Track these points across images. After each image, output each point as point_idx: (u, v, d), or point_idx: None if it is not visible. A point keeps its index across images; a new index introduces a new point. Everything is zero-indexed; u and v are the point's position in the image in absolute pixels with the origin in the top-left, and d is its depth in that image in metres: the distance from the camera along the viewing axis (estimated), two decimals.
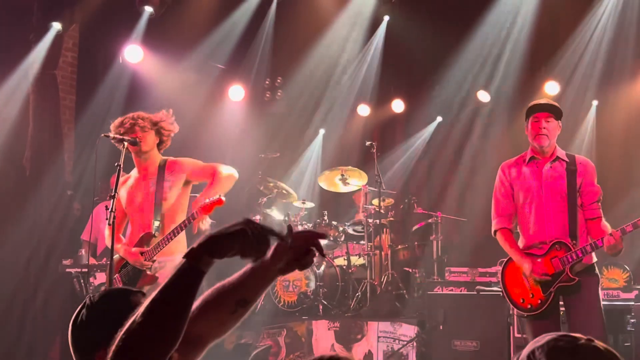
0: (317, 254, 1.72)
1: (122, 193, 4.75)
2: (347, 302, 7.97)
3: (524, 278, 4.44)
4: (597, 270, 4.43)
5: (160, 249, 4.54)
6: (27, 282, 8.00)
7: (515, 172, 4.58)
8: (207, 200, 4.34)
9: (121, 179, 4.57)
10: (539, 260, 4.37)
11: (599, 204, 4.43)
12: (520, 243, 4.54)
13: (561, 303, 4.48)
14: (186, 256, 1.56)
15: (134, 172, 4.88)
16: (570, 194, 4.39)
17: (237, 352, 7.53)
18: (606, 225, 4.33)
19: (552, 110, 4.49)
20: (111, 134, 4.59)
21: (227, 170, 4.72)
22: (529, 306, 4.40)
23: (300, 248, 1.71)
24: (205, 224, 4.46)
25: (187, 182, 4.77)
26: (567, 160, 4.51)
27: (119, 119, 4.71)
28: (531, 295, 4.40)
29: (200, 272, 1.54)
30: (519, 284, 4.47)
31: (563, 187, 4.42)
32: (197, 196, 4.53)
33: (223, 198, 4.32)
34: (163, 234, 4.59)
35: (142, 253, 4.54)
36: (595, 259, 4.39)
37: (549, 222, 4.41)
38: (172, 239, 4.49)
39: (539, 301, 4.36)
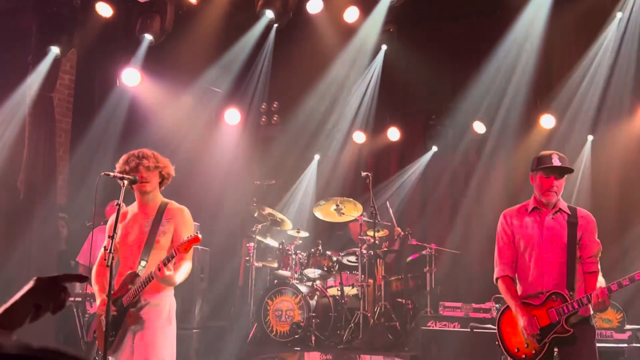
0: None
1: (118, 227, 4.66)
2: (340, 333, 7.94)
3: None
4: (593, 322, 4.42)
5: (140, 291, 4.42)
6: None
7: (517, 221, 4.57)
8: (185, 239, 4.25)
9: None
10: (534, 314, 4.36)
11: (597, 258, 4.41)
12: (518, 290, 4.53)
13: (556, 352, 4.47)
14: None
15: (133, 207, 4.78)
16: (570, 246, 4.38)
17: None
18: (602, 281, 4.32)
19: (567, 173, 4.49)
20: (112, 173, 4.51)
21: (188, 266, 4.60)
22: (524, 356, 4.37)
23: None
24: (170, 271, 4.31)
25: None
26: (569, 212, 4.49)
27: (125, 157, 4.61)
28: (526, 345, 4.38)
29: None
30: (515, 332, 4.45)
31: (563, 238, 4.41)
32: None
33: (200, 236, 4.24)
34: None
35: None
36: (592, 311, 4.38)
37: (548, 272, 4.40)
38: (150, 282, 4.35)
39: (534, 351, 4.34)
